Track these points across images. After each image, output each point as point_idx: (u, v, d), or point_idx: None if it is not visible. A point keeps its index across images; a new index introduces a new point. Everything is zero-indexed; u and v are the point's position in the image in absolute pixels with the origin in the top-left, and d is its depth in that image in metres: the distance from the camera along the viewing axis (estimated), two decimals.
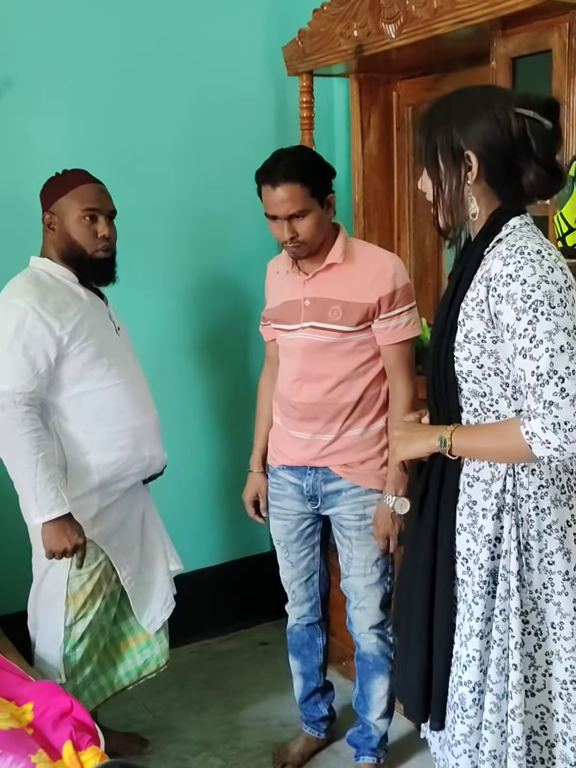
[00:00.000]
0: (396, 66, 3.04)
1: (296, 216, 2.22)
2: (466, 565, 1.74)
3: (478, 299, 1.63)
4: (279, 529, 2.58)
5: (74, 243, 2.30)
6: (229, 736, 2.82)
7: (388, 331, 2.32)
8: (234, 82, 3.15)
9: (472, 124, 1.62)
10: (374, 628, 2.50)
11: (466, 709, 1.74)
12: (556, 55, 2.25)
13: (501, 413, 1.69)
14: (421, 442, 1.75)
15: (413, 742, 2.73)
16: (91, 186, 2.32)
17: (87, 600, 2.36)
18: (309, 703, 2.73)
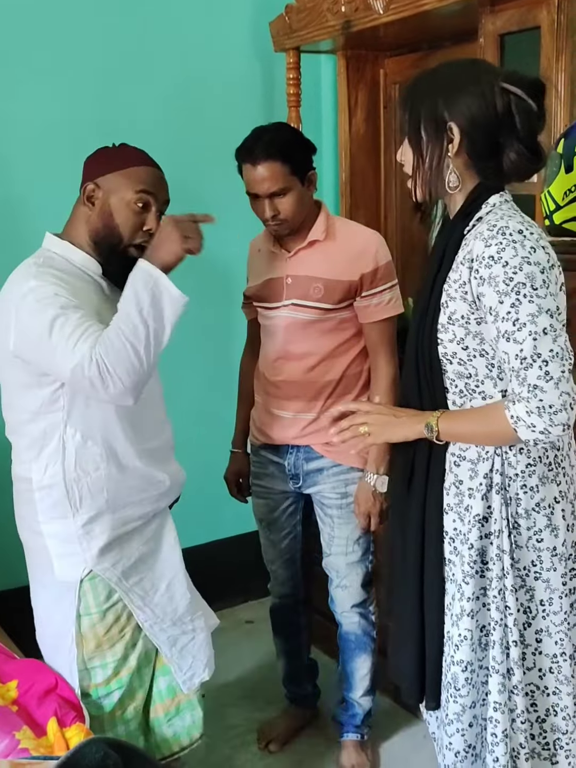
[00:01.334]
0: (383, 43, 3.03)
1: (277, 194, 2.20)
2: (453, 545, 1.74)
3: (461, 281, 1.62)
4: (261, 508, 2.58)
5: (114, 227, 1.95)
6: (213, 714, 2.81)
7: (370, 308, 2.31)
8: (220, 58, 3.12)
9: (458, 96, 1.61)
10: (356, 606, 2.50)
11: (458, 688, 1.75)
12: (545, 32, 2.24)
13: (487, 394, 1.68)
14: (407, 428, 1.73)
15: (396, 719, 2.75)
16: (152, 170, 1.99)
17: (101, 645, 2.03)
18: (294, 681, 2.75)
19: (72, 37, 2.85)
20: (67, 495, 1.97)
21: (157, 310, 1.84)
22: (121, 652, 2.05)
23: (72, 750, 1.59)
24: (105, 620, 2.03)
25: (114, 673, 2.05)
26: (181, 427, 3.33)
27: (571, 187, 1.99)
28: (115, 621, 2.04)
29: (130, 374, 1.82)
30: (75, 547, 1.99)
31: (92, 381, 1.81)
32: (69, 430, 1.95)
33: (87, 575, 1.99)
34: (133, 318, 1.82)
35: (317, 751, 2.67)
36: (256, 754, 2.67)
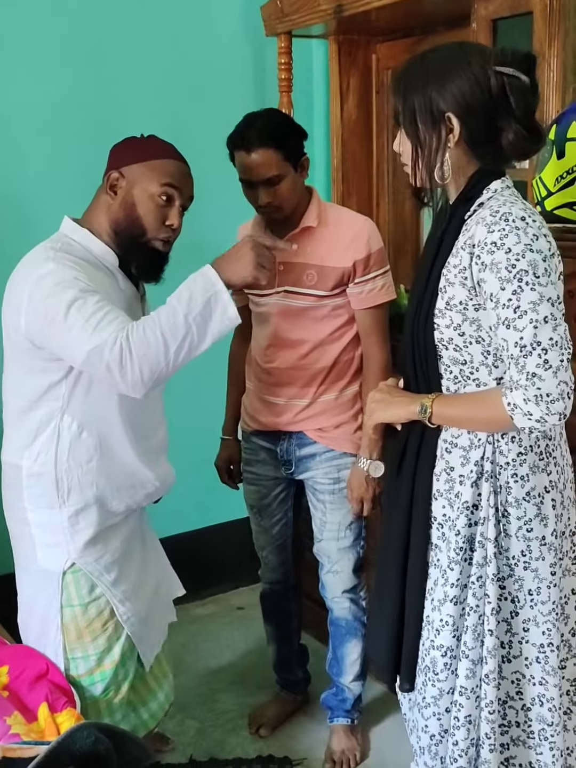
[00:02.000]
0: (376, 28, 3.01)
1: (272, 180, 2.19)
2: (441, 531, 1.74)
3: (461, 266, 1.61)
4: (252, 495, 2.58)
5: (136, 219, 1.91)
6: (205, 699, 2.84)
7: (363, 295, 2.31)
8: (210, 42, 3.10)
9: (449, 83, 1.58)
10: (347, 592, 2.51)
11: (437, 672, 1.75)
12: (537, 17, 2.23)
13: (482, 381, 1.68)
14: (401, 407, 1.74)
15: (387, 704, 2.76)
16: (179, 164, 1.97)
17: (82, 637, 2.03)
18: (284, 667, 2.75)
19: (61, 22, 2.83)
20: (56, 485, 1.95)
21: (205, 320, 1.80)
22: (104, 644, 2.05)
23: (63, 735, 1.59)
24: (87, 613, 2.02)
25: (97, 665, 2.05)
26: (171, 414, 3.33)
27: (562, 173, 1.99)
28: (98, 615, 2.03)
29: (152, 369, 1.79)
30: (59, 538, 1.98)
31: (110, 365, 1.76)
32: (66, 418, 1.93)
33: (70, 567, 1.98)
34: (178, 317, 1.78)
35: (308, 736, 2.69)
36: (247, 739, 2.68)
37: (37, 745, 1.68)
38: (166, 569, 2.30)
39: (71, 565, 1.98)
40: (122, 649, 2.07)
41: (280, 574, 2.64)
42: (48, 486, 1.96)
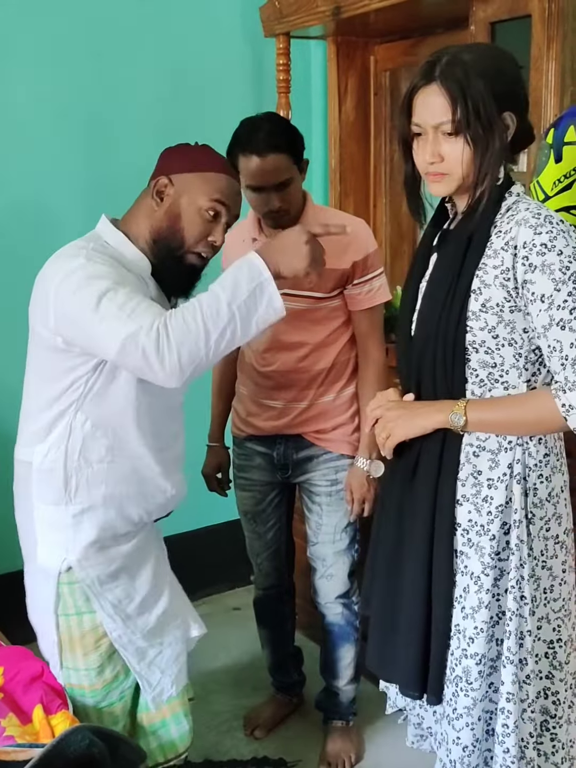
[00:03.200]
0: (374, 29, 3.01)
1: (283, 185, 2.17)
2: (467, 537, 1.72)
3: (503, 267, 1.60)
4: (246, 501, 2.56)
5: (179, 230, 1.84)
6: (200, 700, 2.82)
7: (361, 296, 2.31)
8: (209, 44, 3.10)
9: (502, 81, 1.59)
10: (340, 597, 2.51)
11: (471, 681, 1.72)
12: (536, 21, 2.23)
13: (510, 384, 1.66)
14: (426, 419, 1.69)
15: (381, 704, 2.74)
16: (231, 181, 1.89)
17: (74, 650, 1.95)
18: (279, 670, 2.75)
19: (58, 22, 2.83)
20: (65, 481, 1.89)
21: (250, 310, 1.70)
22: (96, 663, 1.96)
23: (57, 738, 1.60)
24: (81, 625, 1.95)
25: (87, 682, 1.97)
26: None
27: (560, 177, 1.99)
28: (92, 629, 1.95)
29: (192, 356, 1.68)
30: (61, 536, 1.93)
31: (146, 352, 1.66)
32: (79, 416, 1.86)
33: (67, 570, 1.92)
34: (221, 304, 1.68)
35: (303, 738, 2.69)
36: (242, 740, 2.68)
37: (32, 747, 1.68)
38: (185, 606, 2.16)
39: (68, 568, 1.93)
40: (115, 670, 1.99)
41: (275, 579, 2.64)
42: (56, 482, 1.90)
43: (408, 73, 3.13)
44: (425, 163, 1.65)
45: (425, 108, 1.61)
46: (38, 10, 2.79)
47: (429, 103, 1.60)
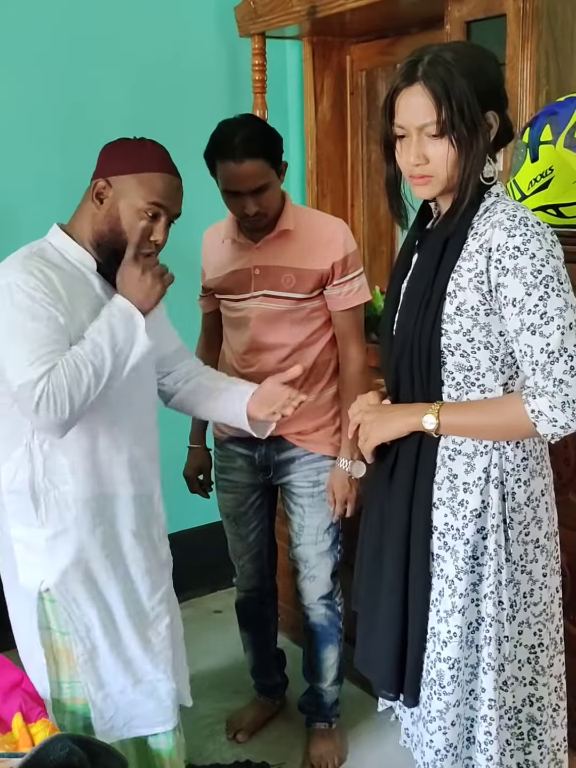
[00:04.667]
0: (350, 29, 3.00)
1: (261, 189, 2.16)
2: (443, 540, 1.70)
3: (477, 270, 1.58)
4: (228, 503, 2.55)
5: (120, 233, 1.83)
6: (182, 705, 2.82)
7: (341, 296, 2.30)
8: (183, 44, 3.08)
9: (485, 79, 1.57)
10: (323, 598, 2.50)
11: (444, 685, 1.71)
12: (510, 20, 2.23)
13: (487, 387, 1.65)
14: (400, 422, 1.69)
15: (364, 705, 2.76)
16: (170, 179, 1.86)
17: (59, 663, 1.94)
18: (262, 673, 2.74)
19: (29, 21, 2.80)
20: (35, 504, 1.87)
21: (127, 353, 1.78)
22: (78, 677, 1.95)
23: (37, 747, 1.57)
24: (64, 640, 1.93)
25: (70, 696, 1.97)
26: None
27: (536, 177, 1.99)
28: (74, 646, 1.94)
29: (77, 407, 1.73)
30: (36, 558, 1.89)
31: (36, 404, 1.69)
32: (36, 438, 1.84)
33: (46, 590, 1.89)
34: (105, 353, 1.75)
35: (286, 741, 2.67)
36: (225, 744, 2.67)
37: (11, 757, 1.66)
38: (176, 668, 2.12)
39: (47, 589, 1.89)
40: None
41: (257, 581, 2.62)
42: (26, 504, 1.87)
43: (384, 72, 3.13)
44: (409, 165, 1.62)
45: (408, 109, 1.58)
46: (9, 9, 2.76)
47: (412, 104, 1.57)
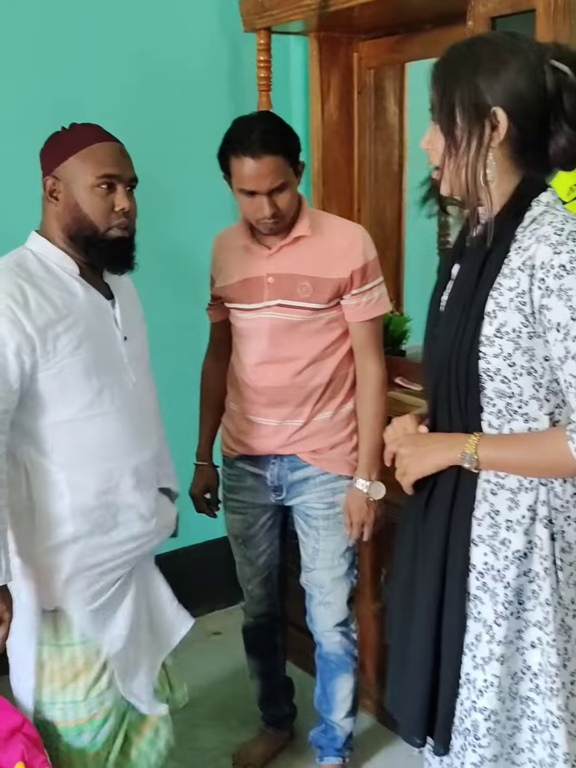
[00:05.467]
0: (358, 25, 2.87)
1: (278, 189, 2.04)
2: (482, 580, 1.56)
3: (519, 289, 1.43)
4: (237, 524, 2.40)
5: (84, 218, 1.80)
6: (185, 737, 2.66)
7: (360, 307, 2.18)
8: (184, 39, 2.94)
9: (502, 74, 1.41)
10: (339, 626, 2.37)
11: (479, 737, 1.57)
12: (540, 15, 2.10)
13: (531, 416, 1.50)
14: (439, 456, 1.55)
15: (377, 738, 2.63)
16: (109, 145, 1.82)
17: (53, 681, 1.90)
18: (270, 703, 2.60)
19: (28, 18, 2.66)
20: (32, 519, 1.84)
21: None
22: (71, 697, 1.91)
23: None
24: (61, 657, 1.89)
25: (62, 717, 1.92)
26: None
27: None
28: (71, 662, 1.90)
29: None
30: (39, 574, 1.85)
31: None
32: (27, 449, 1.81)
33: (50, 606, 1.86)
34: None
35: None
36: None
37: None
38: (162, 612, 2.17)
39: (50, 605, 1.86)
40: (91, 714, 1.92)
41: (266, 606, 2.48)
42: (25, 519, 1.84)
43: (392, 70, 3.00)
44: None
45: None
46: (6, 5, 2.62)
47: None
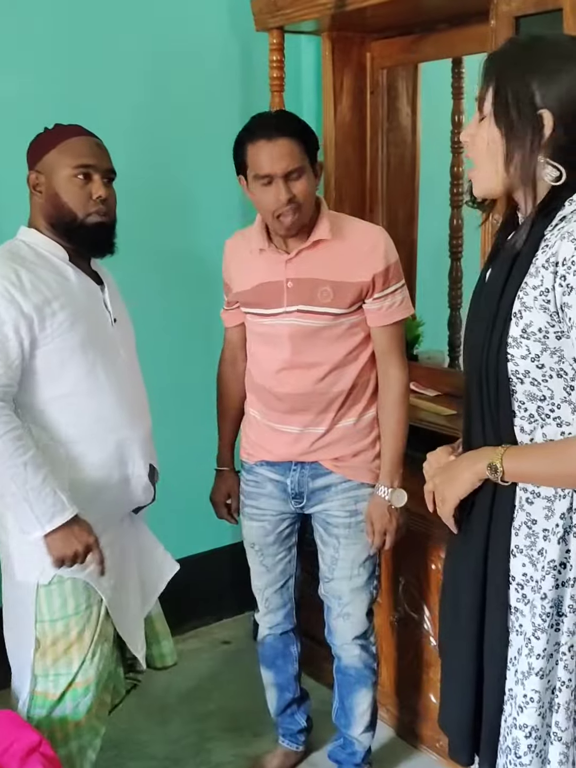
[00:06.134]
0: (371, 25, 2.82)
1: (294, 174, 2.01)
2: (521, 592, 1.53)
3: (543, 287, 1.40)
4: (255, 532, 2.34)
5: (63, 206, 1.95)
6: (197, 750, 2.61)
7: (382, 311, 2.13)
8: (195, 39, 2.88)
9: (556, 78, 1.38)
10: (358, 638, 2.31)
11: (519, 755, 1.53)
12: (567, 14, 2.05)
13: (563, 420, 1.47)
14: (469, 472, 1.51)
15: (397, 752, 2.57)
16: (85, 139, 1.99)
17: (45, 655, 2.00)
18: (285, 715, 2.52)
19: (36, 14, 2.60)
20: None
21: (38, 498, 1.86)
22: (64, 669, 2.00)
23: None
24: (54, 630, 1.98)
25: (53, 691, 2.01)
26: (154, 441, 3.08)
27: None
28: (64, 635, 1.99)
29: None
30: (33, 548, 1.91)
31: None
32: (24, 425, 1.90)
33: (45, 580, 1.95)
34: (12, 473, 1.84)
35: None
36: None
37: None
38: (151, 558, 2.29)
39: (47, 578, 1.95)
40: (70, 679, 2.01)
41: (282, 616, 2.42)
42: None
43: (405, 71, 2.96)
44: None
45: None
46: (12, 4, 2.57)
47: None
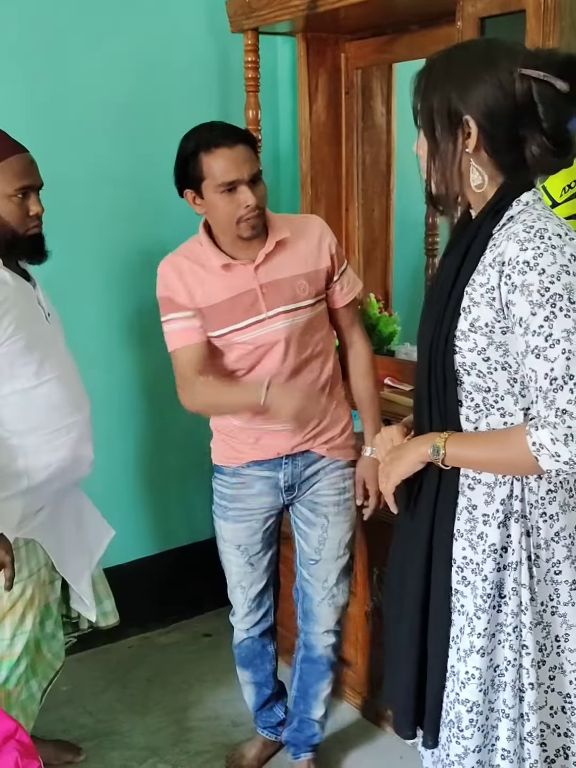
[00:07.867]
0: (345, 26, 2.87)
1: (256, 178, 2.06)
2: (461, 575, 1.59)
3: (489, 285, 1.46)
4: (241, 533, 2.31)
5: (5, 224, 2.04)
6: (177, 739, 2.66)
7: (344, 290, 2.25)
8: (171, 40, 2.92)
9: (472, 86, 1.44)
10: (337, 624, 2.36)
11: (462, 729, 1.59)
12: (530, 16, 2.10)
13: (507, 410, 1.53)
14: (413, 453, 1.59)
15: (366, 735, 2.64)
16: (22, 158, 2.05)
17: (19, 618, 2.13)
18: (264, 710, 2.54)
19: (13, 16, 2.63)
20: None
21: None
22: (9, 633, 2.11)
23: None
24: (25, 594, 2.11)
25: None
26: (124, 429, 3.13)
27: (570, 183, 1.87)
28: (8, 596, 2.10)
29: None
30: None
31: None
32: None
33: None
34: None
35: None
36: None
37: None
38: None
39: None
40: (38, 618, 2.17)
41: (262, 615, 2.41)
42: None
43: (380, 71, 3.01)
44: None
45: None
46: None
47: None
